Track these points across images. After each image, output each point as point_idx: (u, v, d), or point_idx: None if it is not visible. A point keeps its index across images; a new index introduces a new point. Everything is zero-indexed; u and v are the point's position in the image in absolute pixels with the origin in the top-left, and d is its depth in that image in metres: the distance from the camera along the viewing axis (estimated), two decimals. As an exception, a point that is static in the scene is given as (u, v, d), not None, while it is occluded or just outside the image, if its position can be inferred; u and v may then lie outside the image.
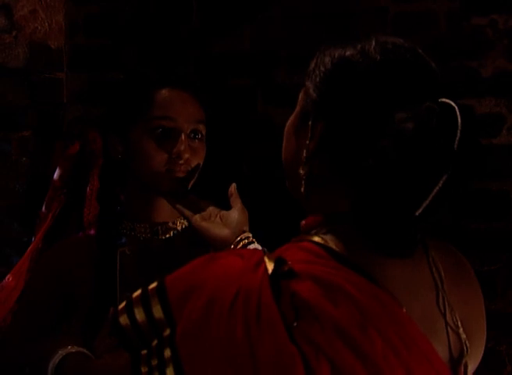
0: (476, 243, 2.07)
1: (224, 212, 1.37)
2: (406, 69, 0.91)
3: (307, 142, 0.95)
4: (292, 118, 1.02)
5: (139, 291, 0.91)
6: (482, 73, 2.04)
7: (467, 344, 0.95)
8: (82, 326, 1.39)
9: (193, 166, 1.43)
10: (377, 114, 0.89)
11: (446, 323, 0.95)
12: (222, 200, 1.41)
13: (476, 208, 2.07)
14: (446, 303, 0.95)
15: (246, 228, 1.35)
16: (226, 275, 0.88)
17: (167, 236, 1.49)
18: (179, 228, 1.50)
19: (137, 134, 1.43)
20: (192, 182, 1.45)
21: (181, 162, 1.41)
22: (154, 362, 0.86)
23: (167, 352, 0.85)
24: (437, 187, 0.87)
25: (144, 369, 0.87)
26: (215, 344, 0.84)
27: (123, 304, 0.91)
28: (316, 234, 0.95)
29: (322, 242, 0.93)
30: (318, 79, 0.95)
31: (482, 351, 1.01)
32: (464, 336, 0.95)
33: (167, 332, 0.86)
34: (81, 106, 2.38)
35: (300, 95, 1.00)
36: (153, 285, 0.90)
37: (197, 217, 1.37)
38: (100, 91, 2.34)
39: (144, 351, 0.88)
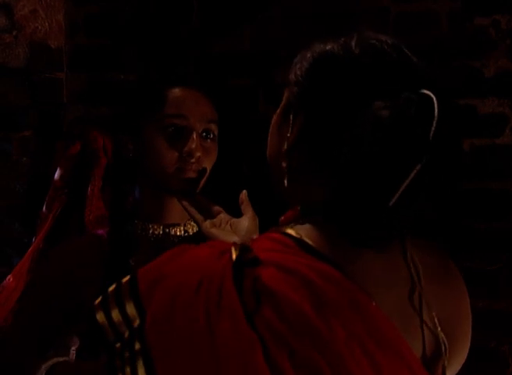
0: (477, 243, 2.07)
1: (234, 220, 1.36)
2: (385, 62, 0.92)
3: (288, 135, 0.96)
4: (276, 114, 1.03)
5: (114, 285, 0.92)
6: (485, 73, 2.04)
7: (446, 345, 0.94)
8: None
9: (204, 165, 1.42)
10: (354, 103, 0.90)
11: (422, 321, 0.94)
12: (221, 200, 1.41)
13: (477, 208, 2.07)
14: (424, 301, 0.94)
15: (255, 237, 1.33)
16: (192, 264, 0.89)
17: (178, 237, 1.48)
18: (190, 230, 1.48)
19: (149, 133, 1.43)
20: (203, 182, 1.44)
21: (192, 160, 1.40)
22: (126, 355, 0.86)
23: (137, 344, 0.86)
24: (410, 177, 0.87)
25: (118, 363, 0.87)
26: (180, 332, 0.84)
27: (99, 299, 0.91)
28: (290, 226, 0.95)
29: (293, 233, 0.94)
30: (299, 72, 0.96)
31: (465, 355, 1.00)
32: (441, 335, 0.94)
33: (136, 323, 0.87)
34: (81, 106, 2.38)
35: (285, 92, 1.01)
36: (126, 278, 0.91)
37: (207, 223, 1.36)
38: (100, 90, 2.33)
39: (118, 345, 0.88)
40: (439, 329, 0.94)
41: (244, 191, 1.38)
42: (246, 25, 2.33)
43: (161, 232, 1.47)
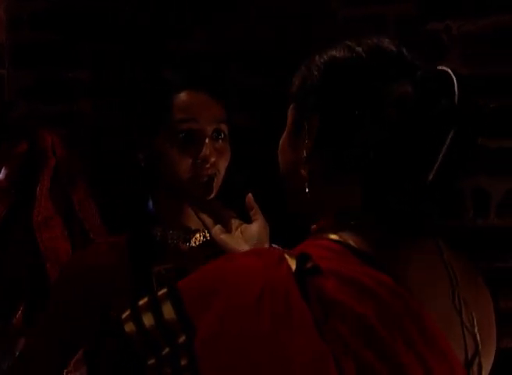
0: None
1: (245, 226, 1.34)
2: (390, 59, 0.96)
3: (306, 142, 0.97)
4: (284, 134, 1.04)
5: (146, 298, 0.87)
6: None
7: (480, 345, 0.96)
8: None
9: (219, 168, 1.40)
10: (367, 99, 0.92)
11: (462, 323, 0.95)
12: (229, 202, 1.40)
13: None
14: (462, 302, 0.96)
15: (266, 246, 1.32)
16: (247, 273, 0.86)
17: (198, 243, 1.45)
18: (208, 236, 1.44)
19: (160, 141, 1.40)
20: (218, 185, 1.41)
21: (207, 165, 1.37)
22: (167, 371, 0.82)
23: (183, 360, 0.82)
24: (445, 146, 0.89)
25: None
26: (239, 344, 0.81)
27: (128, 312, 0.87)
28: (331, 232, 0.94)
29: (340, 239, 0.93)
30: (309, 81, 0.98)
31: (493, 356, 1.01)
32: (478, 336, 0.96)
33: (182, 339, 0.83)
34: (26, 103, 2.31)
35: (290, 108, 1.03)
36: (163, 291, 0.87)
37: (216, 229, 1.33)
38: (48, 88, 2.27)
39: (152, 361, 0.84)
40: (476, 329, 0.95)
41: (249, 195, 1.35)
42: (196, 26, 2.32)
43: (181, 238, 1.44)
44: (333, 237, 0.94)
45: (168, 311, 0.85)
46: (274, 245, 1.41)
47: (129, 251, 1.42)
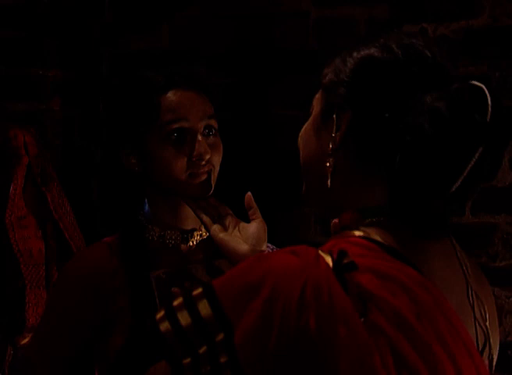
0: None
1: (243, 225, 1.35)
2: (423, 59, 0.98)
3: (333, 135, 0.99)
4: (309, 122, 1.05)
5: (180, 298, 0.87)
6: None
7: (490, 337, 1.01)
8: (124, 343, 1.31)
9: (214, 163, 1.40)
10: (402, 97, 0.94)
11: (475, 317, 1.00)
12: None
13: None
14: (474, 296, 1.00)
15: (264, 246, 1.34)
16: (286, 270, 0.86)
17: (196, 242, 1.45)
18: (204, 234, 1.45)
19: (152, 144, 1.39)
20: (215, 180, 1.41)
21: (203, 163, 1.38)
22: (205, 369, 0.83)
23: (223, 358, 0.82)
24: (473, 160, 0.92)
25: None
26: (283, 340, 0.82)
27: (162, 312, 0.86)
28: (357, 229, 0.97)
29: (368, 236, 0.95)
30: (343, 74, 1.00)
31: (498, 347, 1.06)
32: (488, 329, 1.01)
33: (220, 337, 0.83)
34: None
35: (317, 97, 1.04)
36: (197, 290, 0.87)
37: (215, 228, 1.34)
38: (17, 85, 2.23)
39: (187, 360, 0.84)
40: (488, 322, 1.00)
41: (249, 194, 1.36)
42: (164, 23, 2.31)
43: (179, 238, 1.44)
44: (360, 233, 0.96)
45: (204, 309, 0.85)
46: (269, 244, 1.43)
47: (122, 252, 1.42)
